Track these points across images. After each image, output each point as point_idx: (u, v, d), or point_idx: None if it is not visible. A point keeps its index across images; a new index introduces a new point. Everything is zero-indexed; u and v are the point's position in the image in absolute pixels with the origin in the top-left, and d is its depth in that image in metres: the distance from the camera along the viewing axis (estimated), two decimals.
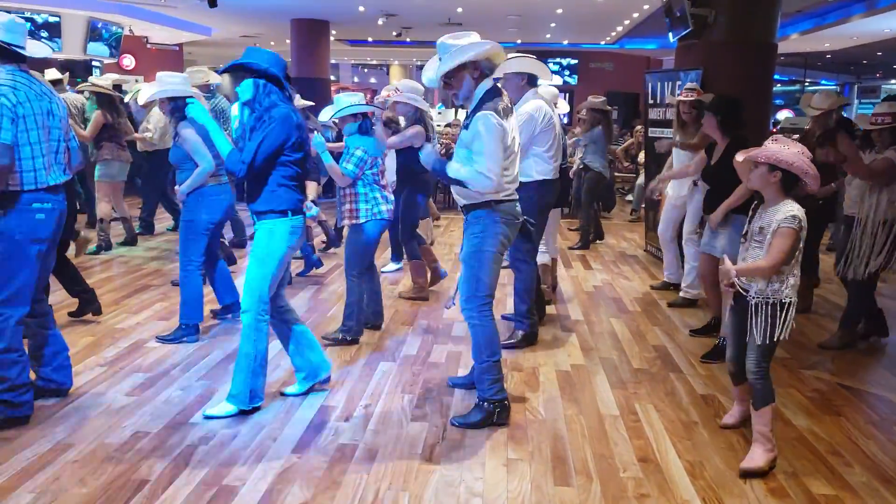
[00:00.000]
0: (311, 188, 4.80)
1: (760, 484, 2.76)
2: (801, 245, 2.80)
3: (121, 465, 2.76)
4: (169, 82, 4.19)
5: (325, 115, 4.59)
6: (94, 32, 12.36)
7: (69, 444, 2.92)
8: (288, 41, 14.93)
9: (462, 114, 15.29)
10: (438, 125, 10.23)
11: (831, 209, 5.20)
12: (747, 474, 2.80)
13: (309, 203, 3.79)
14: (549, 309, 5.13)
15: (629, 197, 11.05)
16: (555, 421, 3.28)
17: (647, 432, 3.19)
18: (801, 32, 14.82)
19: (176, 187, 4.25)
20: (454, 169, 3.06)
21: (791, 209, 2.78)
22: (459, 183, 3.06)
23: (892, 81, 25.82)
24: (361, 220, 4.15)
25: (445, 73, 3.01)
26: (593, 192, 7.72)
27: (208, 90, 6.77)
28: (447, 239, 7.78)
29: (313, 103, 6.95)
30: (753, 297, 2.85)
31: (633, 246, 7.73)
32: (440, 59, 3.06)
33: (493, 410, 3.17)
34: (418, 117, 5.18)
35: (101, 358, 3.91)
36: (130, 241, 6.89)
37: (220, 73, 4.96)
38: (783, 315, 2.85)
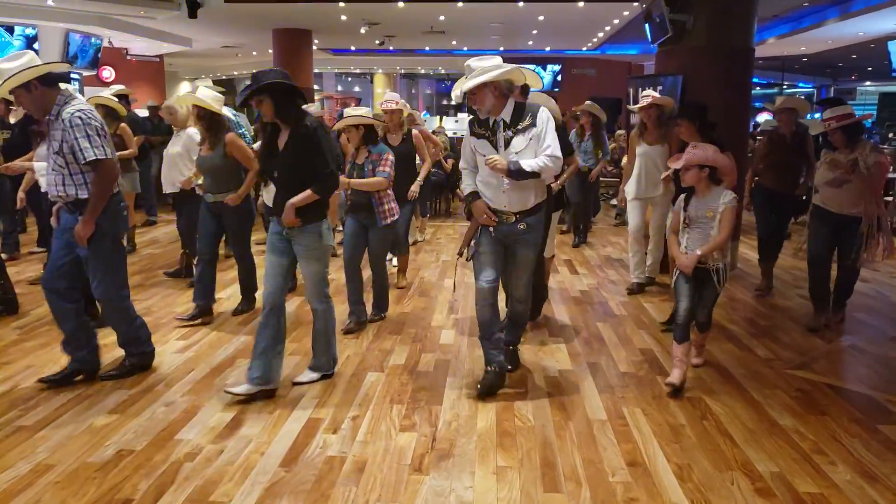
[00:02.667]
0: None
1: (747, 484, 2.77)
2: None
3: (104, 484, 2.72)
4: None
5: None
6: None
7: (50, 464, 2.88)
8: (270, 51, 14.91)
9: (445, 120, 15.36)
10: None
11: (802, 205, 5.72)
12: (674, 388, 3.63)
13: None
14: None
15: (613, 202, 11.11)
16: (543, 427, 3.28)
17: (635, 436, 3.19)
18: (778, 36, 15.05)
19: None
20: (528, 164, 3.40)
21: (729, 193, 3.66)
22: (535, 175, 3.41)
23: (867, 83, 26.24)
24: (398, 216, 4.85)
25: (470, 90, 3.43)
26: (588, 192, 8.15)
27: None
28: (433, 246, 7.76)
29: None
30: (713, 264, 3.68)
31: (617, 250, 7.77)
32: (466, 79, 3.45)
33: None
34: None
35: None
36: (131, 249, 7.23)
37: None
38: (724, 276, 3.71)
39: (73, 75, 11.61)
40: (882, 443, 3.16)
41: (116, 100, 6.64)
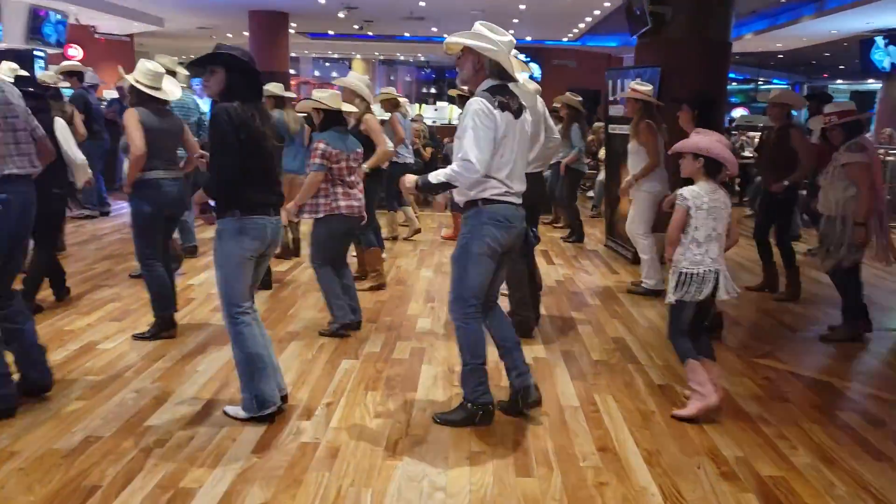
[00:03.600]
0: None
1: (713, 469, 2.83)
2: (697, 223, 3.18)
3: (70, 471, 2.68)
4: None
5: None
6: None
7: (14, 451, 2.82)
8: (246, 33, 14.67)
9: (424, 108, 15.27)
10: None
11: (788, 203, 5.40)
12: (679, 418, 3.26)
13: None
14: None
15: (590, 193, 11.19)
16: (517, 413, 3.30)
17: (606, 422, 3.24)
18: (755, 32, 15.22)
19: None
20: (434, 175, 3.04)
21: (684, 189, 3.23)
22: (448, 186, 3.01)
23: (839, 82, 26.69)
24: (321, 213, 4.21)
25: (459, 51, 3.05)
26: (572, 191, 7.94)
27: None
28: (417, 237, 7.74)
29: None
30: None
31: (593, 241, 7.84)
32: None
33: (476, 412, 3.12)
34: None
35: (49, 361, 3.77)
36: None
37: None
38: (677, 283, 3.22)
39: (37, 53, 11.24)
40: (840, 427, 3.25)
41: (61, 77, 6.47)
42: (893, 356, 4.31)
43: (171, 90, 4.16)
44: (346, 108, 4.49)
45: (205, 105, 6.60)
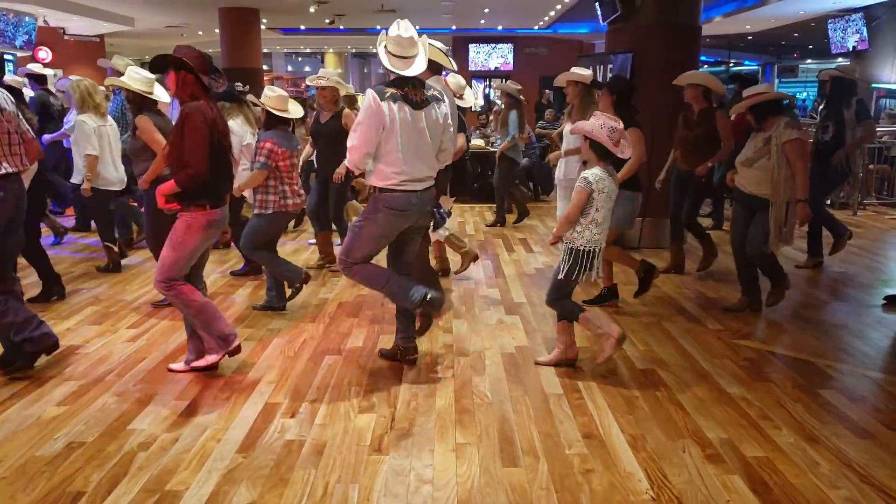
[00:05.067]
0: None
1: (698, 451, 2.87)
2: (598, 205, 3.45)
3: (54, 478, 2.65)
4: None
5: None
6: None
7: None
8: (217, 31, 14.48)
9: None
10: None
11: (707, 185, 5.50)
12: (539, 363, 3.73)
13: None
14: (493, 293, 5.19)
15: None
16: (501, 403, 3.32)
17: (590, 409, 3.26)
18: (724, 15, 15.34)
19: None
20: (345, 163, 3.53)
21: (587, 172, 3.47)
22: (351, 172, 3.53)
23: (808, 61, 27.03)
24: (271, 210, 4.50)
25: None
26: (506, 178, 8.02)
27: None
28: None
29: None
30: (563, 242, 3.59)
31: None
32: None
33: (424, 303, 3.53)
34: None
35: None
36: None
37: None
38: (571, 259, 3.55)
39: (6, 56, 11.03)
40: (822, 406, 3.30)
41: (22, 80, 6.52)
42: (871, 333, 4.39)
43: (162, 92, 4.54)
44: (294, 109, 4.60)
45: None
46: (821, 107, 5.34)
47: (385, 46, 3.35)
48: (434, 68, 4.10)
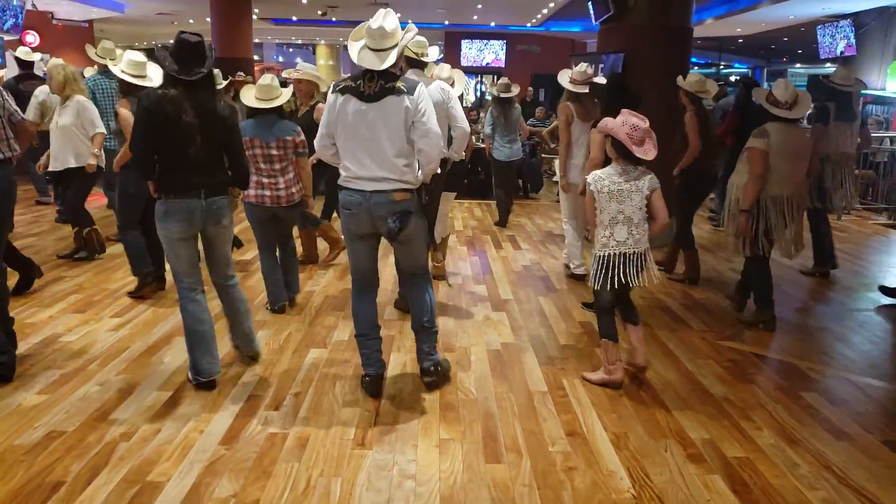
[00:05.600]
0: None
1: (680, 451, 2.89)
2: (600, 206, 3.36)
3: (33, 467, 2.62)
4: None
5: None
6: None
7: None
8: (208, 19, 14.35)
9: None
10: None
11: (685, 188, 5.41)
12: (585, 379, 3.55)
13: None
14: (481, 290, 5.19)
15: (556, 178, 11.25)
16: (486, 400, 3.33)
17: (574, 407, 3.28)
18: (716, 17, 15.41)
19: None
20: None
21: (590, 173, 3.41)
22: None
23: (797, 65, 27.23)
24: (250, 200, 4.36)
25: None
26: (492, 177, 7.97)
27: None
28: None
29: None
30: None
31: (559, 226, 7.88)
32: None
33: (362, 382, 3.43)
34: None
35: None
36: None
37: None
38: (594, 266, 3.41)
39: None
40: (803, 408, 3.34)
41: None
42: (854, 337, 4.44)
43: (155, 76, 4.36)
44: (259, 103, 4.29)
45: None
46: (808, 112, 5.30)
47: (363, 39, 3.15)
48: (415, 63, 4.03)
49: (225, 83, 7.03)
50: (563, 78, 5.46)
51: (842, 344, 4.29)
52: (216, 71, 6.26)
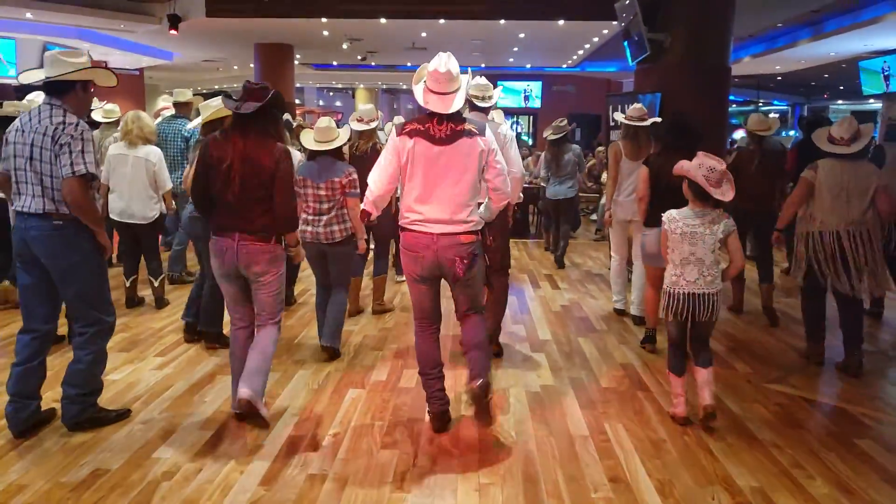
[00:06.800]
0: None
1: (728, 499, 2.79)
2: (672, 245, 3.41)
3: None
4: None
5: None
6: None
7: (22, 484, 2.81)
8: (252, 65, 14.89)
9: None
10: None
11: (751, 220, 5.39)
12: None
13: None
14: (519, 329, 5.15)
15: (593, 217, 11.20)
16: (525, 443, 3.27)
17: (616, 452, 3.20)
18: (753, 55, 15.36)
19: None
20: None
21: (666, 212, 3.45)
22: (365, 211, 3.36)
23: (839, 102, 26.81)
24: None
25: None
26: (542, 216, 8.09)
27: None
28: None
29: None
30: None
31: (598, 265, 7.83)
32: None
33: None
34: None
35: (57, 392, 3.76)
36: None
37: None
38: (663, 299, 3.49)
39: None
40: (857, 456, 3.20)
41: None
42: None
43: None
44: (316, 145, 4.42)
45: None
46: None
47: (424, 81, 3.20)
48: (475, 106, 4.08)
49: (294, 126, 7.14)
50: (619, 116, 5.57)
51: (893, 387, 4.12)
52: (286, 116, 6.43)
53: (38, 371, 3.30)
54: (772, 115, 5.78)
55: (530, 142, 19.11)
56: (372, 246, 5.66)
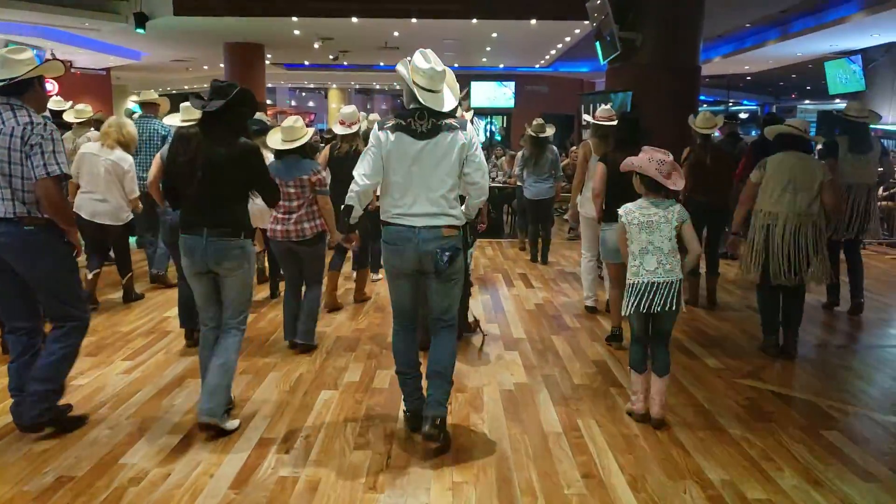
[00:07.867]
0: None
1: (699, 492, 2.81)
2: (630, 236, 3.48)
3: None
4: None
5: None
6: None
7: None
8: (222, 65, 14.71)
9: None
10: None
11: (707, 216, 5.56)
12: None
13: None
14: (493, 328, 5.15)
15: (567, 216, 11.26)
16: (499, 441, 3.27)
17: (589, 448, 3.21)
18: (723, 56, 15.62)
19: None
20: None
21: (623, 206, 3.52)
22: (350, 207, 3.22)
23: (806, 102, 27.36)
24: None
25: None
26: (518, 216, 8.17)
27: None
28: None
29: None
30: None
31: (571, 264, 7.87)
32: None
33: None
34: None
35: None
36: None
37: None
38: (626, 294, 3.48)
39: None
40: (825, 448, 3.25)
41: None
42: (875, 374, 4.35)
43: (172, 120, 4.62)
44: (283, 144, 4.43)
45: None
46: (818, 146, 5.32)
47: (414, 80, 3.11)
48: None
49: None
50: (588, 117, 5.66)
51: (863, 381, 4.20)
52: (265, 119, 6.39)
53: (33, 363, 3.25)
54: (719, 115, 5.92)
55: (499, 139, 19.17)
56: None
